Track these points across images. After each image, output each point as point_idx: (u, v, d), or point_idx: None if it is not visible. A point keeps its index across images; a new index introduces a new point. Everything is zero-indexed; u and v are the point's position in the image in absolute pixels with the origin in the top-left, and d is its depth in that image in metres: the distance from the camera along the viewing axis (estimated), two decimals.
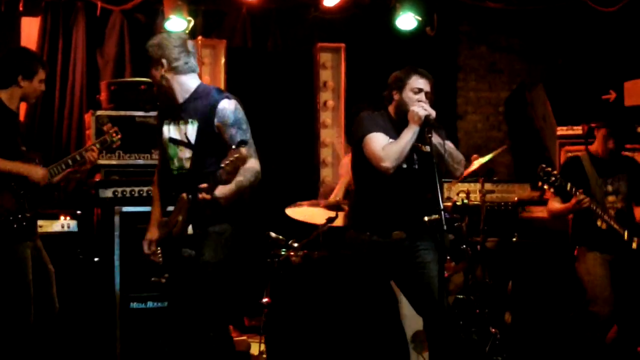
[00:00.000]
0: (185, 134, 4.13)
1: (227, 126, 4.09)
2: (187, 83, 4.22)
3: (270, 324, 5.59)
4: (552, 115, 7.68)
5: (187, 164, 4.15)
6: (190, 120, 4.14)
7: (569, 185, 5.05)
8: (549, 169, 5.03)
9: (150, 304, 5.82)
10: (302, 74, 7.68)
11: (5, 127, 4.74)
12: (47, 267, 4.96)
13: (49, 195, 4.98)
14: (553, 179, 5.02)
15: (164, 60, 4.15)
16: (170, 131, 4.20)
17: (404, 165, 4.34)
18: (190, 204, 4.04)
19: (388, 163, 4.26)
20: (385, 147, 4.30)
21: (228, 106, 4.13)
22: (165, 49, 4.15)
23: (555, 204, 5.35)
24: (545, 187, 5.08)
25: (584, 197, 5.08)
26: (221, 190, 3.95)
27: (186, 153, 4.15)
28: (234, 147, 3.84)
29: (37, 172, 4.75)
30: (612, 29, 7.53)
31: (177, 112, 4.20)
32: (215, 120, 4.10)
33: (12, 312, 4.69)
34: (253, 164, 4.09)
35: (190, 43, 4.26)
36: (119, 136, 5.15)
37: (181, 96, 4.20)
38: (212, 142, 4.10)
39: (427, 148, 4.33)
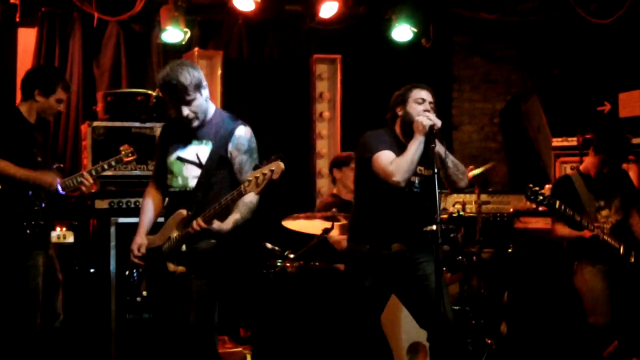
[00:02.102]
0: (197, 153, 4.17)
1: (240, 152, 4.16)
2: (210, 106, 4.27)
3: (261, 335, 5.60)
4: (547, 126, 7.70)
5: (193, 183, 4.17)
6: (204, 141, 4.18)
7: (557, 203, 5.06)
8: (536, 188, 5.05)
9: (145, 315, 5.82)
10: (298, 85, 7.69)
11: (21, 137, 4.83)
12: (57, 275, 5.00)
13: (63, 206, 5.02)
14: (541, 197, 5.04)
15: (205, 83, 4.19)
16: (179, 150, 4.22)
17: (406, 189, 4.35)
18: (188, 222, 4.08)
19: (399, 177, 4.26)
20: (393, 162, 4.29)
21: (244, 134, 4.18)
22: (201, 73, 4.20)
23: (565, 230, 5.34)
24: (534, 205, 5.12)
25: (597, 231, 5.12)
26: (218, 225, 4.01)
27: (193, 172, 4.18)
28: (273, 157, 3.81)
29: (47, 178, 4.84)
30: (607, 41, 7.56)
31: (190, 132, 4.21)
32: (230, 145, 4.14)
33: (19, 318, 4.73)
34: (252, 197, 4.10)
35: None
36: (133, 157, 5.24)
37: (204, 118, 4.23)
38: (221, 165, 4.15)
39: (429, 172, 4.34)
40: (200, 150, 4.17)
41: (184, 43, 7.04)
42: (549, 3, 7.71)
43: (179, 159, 4.21)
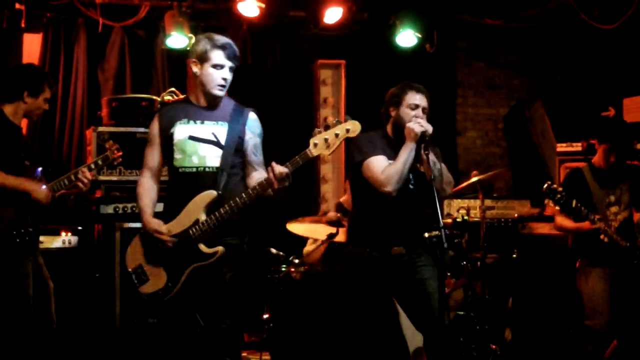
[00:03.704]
0: (213, 133, 4.13)
1: (255, 135, 4.22)
2: None
3: (272, 340, 5.58)
4: (551, 131, 7.71)
5: (214, 162, 4.09)
6: (219, 122, 4.16)
7: (574, 202, 5.07)
8: (555, 186, 5.06)
9: (150, 320, 5.82)
10: (302, 91, 7.70)
11: (9, 141, 4.73)
12: (47, 282, 4.95)
13: (51, 211, 4.96)
14: (559, 196, 5.04)
15: None
16: (189, 130, 4.14)
17: (402, 186, 4.34)
18: (217, 203, 4.00)
19: (390, 187, 4.27)
20: (385, 171, 4.29)
21: (256, 118, 4.28)
22: None
23: (566, 222, 5.35)
24: (551, 204, 5.11)
25: (599, 224, 5.11)
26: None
27: (211, 151, 4.11)
28: (342, 120, 3.95)
29: (40, 191, 4.71)
30: (611, 46, 7.57)
31: (200, 113, 4.19)
32: (246, 127, 4.19)
33: (11, 327, 4.67)
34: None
35: None
36: (120, 153, 5.12)
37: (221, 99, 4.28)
38: (238, 147, 4.15)
39: (423, 168, 4.35)
40: (216, 130, 4.14)
41: (188, 48, 7.05)
42: (553, 9, 7.71)
43: (192, 138, 4.12)
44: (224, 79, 4.16)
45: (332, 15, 7.30)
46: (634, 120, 6.99)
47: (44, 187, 4.74)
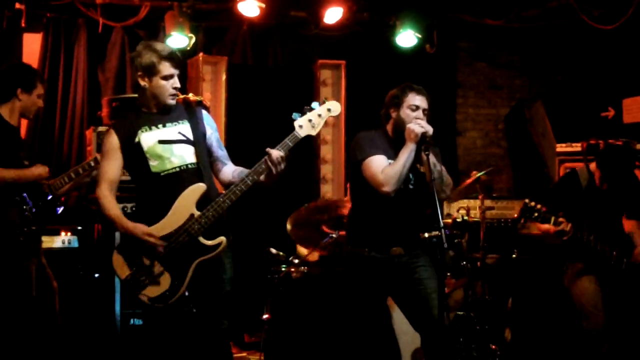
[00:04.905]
0: (179, 132, 4.11)
1: (215, 130, 4.25)
2: None
3: (271, 340, 5.58)
4: (551, 132, 7.71)
5: (192, 159, 4.08)
6: (180, 121, 4.13)
7: (552, 218, 5.04)
8: (532, 203, 5.03)
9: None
10: (303, 91, 7.69)
11: (7, 142, 4.74)
12: (51, 283, 4.97)
13: (53, 210, 4.97)
14: (536, 214, 5.02)
15: None
16: (156, 135, 4.08)
17: (401, 186, 4.35)
18: (207, 197, 4.00)
19: (388, 187, 4.27)
20: (384, 171, 4.29)
21: (208, 114, 4.30)
22: None
23: (542, 224, 5.32)
24: (527, 223, 5.10)
25: (566, 229, 5.07)
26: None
27: (186, 149, 4.09)
28: (317, 103, 4.23)
29: (35, 169, 4.75)
30: (611, 47, 7.57)
31: (156, 118, 4.13)
32: (205, 124, 4.19)
33: (14, 327, 4.68)
34: None
35: None
36: None
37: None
38: (203, 140, 4.16)
39: (423, 168, 4.34)
40: (181, 129, 4.11)
41: (188, 49, 7.07)
42: (553, 9, 7.71)
43: (162, 141, 4.07)
44: (175, 88, 4.10)
45: (333, 15, 7.31)
46: (634, 120, 7.00)
47: (36, 166, 4.79)
